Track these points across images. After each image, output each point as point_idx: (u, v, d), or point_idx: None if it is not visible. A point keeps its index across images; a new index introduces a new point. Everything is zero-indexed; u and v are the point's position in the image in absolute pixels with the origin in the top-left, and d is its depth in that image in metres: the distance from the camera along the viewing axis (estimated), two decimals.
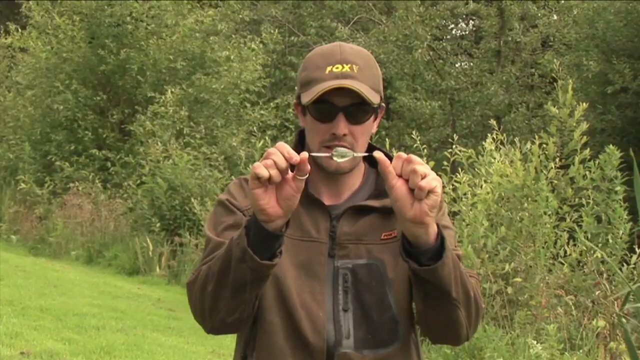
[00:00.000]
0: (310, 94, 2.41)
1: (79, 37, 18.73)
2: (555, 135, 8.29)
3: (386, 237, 2.51)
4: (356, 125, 2.43)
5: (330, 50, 2.48)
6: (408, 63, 22.93)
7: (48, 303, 9.18)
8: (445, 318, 2.39)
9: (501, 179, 8.20)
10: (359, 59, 2.45)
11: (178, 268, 13.08)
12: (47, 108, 18.95)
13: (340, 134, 2.41)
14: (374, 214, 2.52)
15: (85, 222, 15.82)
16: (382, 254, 2.49)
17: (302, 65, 2.53)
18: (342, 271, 2.47)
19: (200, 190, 14.05)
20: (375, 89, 2.45)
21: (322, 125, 2.44)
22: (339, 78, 2.39)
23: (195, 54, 18.95)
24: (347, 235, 2.49)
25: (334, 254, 2.48)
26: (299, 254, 2.47)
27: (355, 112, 2.41)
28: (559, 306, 7.31)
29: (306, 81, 2.46)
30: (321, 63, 2.44)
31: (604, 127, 17.78)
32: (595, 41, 18.43)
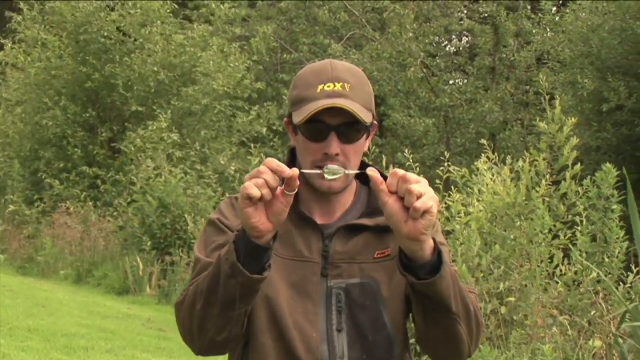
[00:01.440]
0: (302, 114, 2.39)
1: (66, 54, 18.66)
2: (545, 151, 8.22)
3: (379, 255, 2.49)
4: (348, 144, 2.41)
5: (321, 67, 2.46)
6: (402, 80, 22.88)
7: (36, 323, 9.07)
8: (446, 333, 2.34)
9: (493, 197, 8.13)
10: (351, 76, 2.44)
11: (168, 287, 12.97)
12: (36, 125, 18.88)
13: (332, 153, 2.39)
14: (366, 232, 2.50)
15: (74, 241, 15.71)
16: (375, 273, 2.47)
17: (293, 83, 2.51)
18: (336, 291, 2.46)
19: (193, 208, 13.96)
20: (367, 107, 2.43)
21: (313, 144, 2.42)
22: (331, 97, 2.37)
23: (184, 68, 18.90)
24: (340, 255, 2.48)
25: (327, 274, 2.46)
26: (291, 274, 2.44)
27: (347, 131, 2.40)
28: (554, 326, 7.22)
29: (297, 99, 2.44)
30: (312, 81, 2.42)
31: (599, 144, 17.74)
32: (590, 59, 18.41)
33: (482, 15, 24.76)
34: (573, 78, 19.04)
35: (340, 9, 24.24)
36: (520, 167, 8.16)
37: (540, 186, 7.94)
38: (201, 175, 15.29)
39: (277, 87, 24.31)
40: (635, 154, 17.13)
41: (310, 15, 25.33)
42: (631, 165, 14.53)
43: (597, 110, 17.99)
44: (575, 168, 8.00)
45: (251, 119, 19.38)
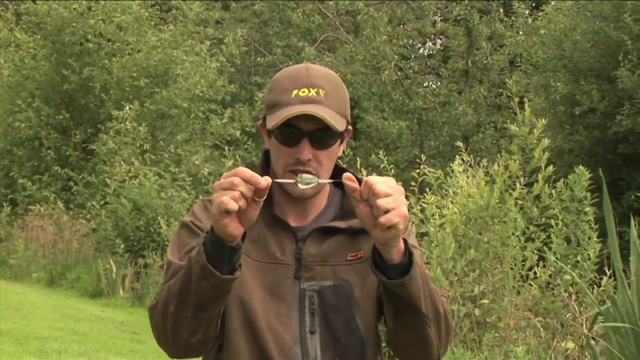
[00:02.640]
0: (276, 119, 2.37)
1: (41, 55, 18.57)
2: (517, 153, 8.25)
3: (352, 257, 2.48)
4: (321, 150, 2.41)
5: (297, 72, 2.44)
6: (375, 83, 22.92)
7: (8, 326, 9.00)
8: (416, 335, 2.35)
9: (467, 199, 8.16)
10: (326, 82, 2.42)
11: (142, 290, 12.92)
12: (9, 126, 18.76)
13: (304, 159, 2.38)
14: (339, 234, 2.49)
15: (47, 244, 15.62)
16: (348, 275, 2.46)
17: (268, 87, 2.50)
18: (309, 293, 2.45)
19: (167, 210, 13.91)
20: (342, 114, 2.42)
21: (286, 149, 2.41)
22: (305, 103, 2.36)
23: (158, 70, 18.85)
24: (313, 257, 2.47)
25: (300, 276, 2.45)
26: (264, 277, 2.44)
27: (320, 137, 2.39)
28: (527, 328, 7.24)
29: (272, 104, 2.42)
30: (288, 86, 2.41)
31: (572, 147, 17.86)
32: (563, 62, 18.52)
33: (455, 18, 24.84)
34: (546, 81, 19.16)
35: (314, 12, 24.25)
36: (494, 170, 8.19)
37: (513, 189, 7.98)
38: (175, 178, 15.24)
39: (250, 89, 24.29)
40: (607, 157, 17.26)
41: (284, 18, 25.35)
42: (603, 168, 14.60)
43: (569, 113, 18.11)
44: (548, 170, 8.04)
45: (225, 122, 19.34)
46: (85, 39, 18.59)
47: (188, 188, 14.87)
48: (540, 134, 8.22)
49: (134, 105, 17.06)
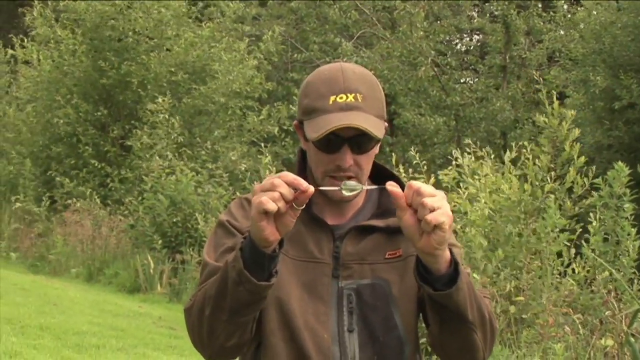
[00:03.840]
0: (316, 129, 2.37)
1: (80, 51, 18.69)
2: (547, 146, 8.19)
3: (390, 256, 2.48)
4: (361, 154, 2.41)
5: (332, 76, 2.42)
6: (412, 79, 22.82)
7: (48, 321, 9.07)
8: (462, 343, 2.35)
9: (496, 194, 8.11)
10: (363, 84, 2.40)
11: (179, 286, 12.96)
12: (48, 122, 18.91)
13: (345, 166, 2.39)
14: (377, 233, 2.50)
15: (85, 239, 15.71)
16: (386, 274, 2.47)
17: (303, 90, 2.48)
18: (347, 292, 2.45)
19: (204, 207, 13.95)
20: (380, 116, 2.42)
21: (326, 155, 2.41)
22: (344, 110, 2.35)
23: (196, 67, 18.89)
24: (351, 256, 2.47)
25: (338, 275, 2.46)
26: (302, 275, 2.44)
27: (360, 142, 2.39)
28: (566, 325, 7.19)
29: (309, 109, 2.41)
30: (324, 91, 2.39)
31: (611, 143, 17.69)
32: (602, 56, 18.35)
33: (492, 14, 24.70)
34: (585, 76, 18.98)
35: (351, 8, 24.19)
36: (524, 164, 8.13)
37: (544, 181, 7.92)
38: (212, 174, 15.28)
39: (287, 86, 24.28)
40: None
41: (321, 14, 25.30)
42: None
43: (609, 108, 17.95)
44: (580, 161, 7.96)
45: (262, 118, 19.35)
46: (124, 35, 18.67)
47: (225, 184, 14.90)
48: (570, 126, 8.15)
49: (167, 97, 17.10)
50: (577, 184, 7.98)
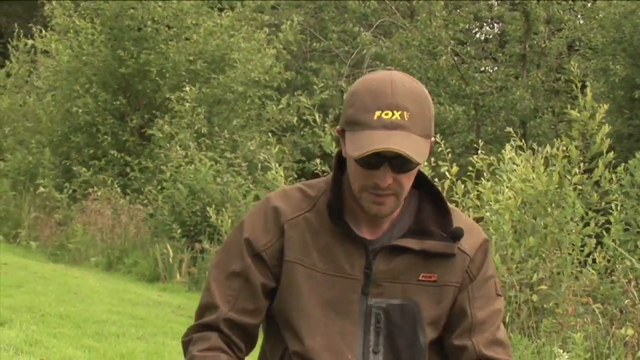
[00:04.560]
0: (356, 146, 2.26)
1: (99, 41, 18.72)
2: (578, 139, 8.15)
3: (424, 278, 2.41)
4: (402, 173, 2.30)
5: (380, 88, 2.28)
6: (432, 68, 22.77)
7: (67, 310, 9.10)
8: None
9: (524, 184, 8.09)
10: (411, 101, 2.28)
11: (198, 275, 12.99)
12: (67, 112, 18.95)
13: (384, 185, 2.29)
14: (412, 253, 2.40)
15: (105, 228, 15.76)
16: (417, 296, 2.40)
17: (349, 98, 2.35)
18: (375, 310, 2.39)
19: (222, 196, 13.96)
20: (426, 135, 2.31)
21: (365, 171, 2.30)
22: (388, 128, 2.23)
23: (215, 56, 18.89)
24: (383, 273, 2.39)
25: (368, 292, 2.39)
26: (329, 291, 2.37)
27: (401, 163, 2.28)
28: (585, 314, 7.17)
29: (352, 121, 2.30)
30: (370, 104, 2.27)
31: (632, 132, 17.61)
32: (623, 45, 18.23)
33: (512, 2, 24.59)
34: (605, 65, 18.88)
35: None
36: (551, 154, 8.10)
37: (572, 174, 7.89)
38: (231, 163, 15.29)
39: (306, 75, 24.26)
40: None
41: (340, 3, 25.27)
42: None
43: (629, 97, 17.86)
44: (609, 156, 7.93)
45: (281, 108, 19.32)
46: (143, 24, 18.69)
47: (244, 173, 14.90)
48: (601, 120, 8.11)
49: (195, 87, 17.13)
50: (605, 178, 7.95)
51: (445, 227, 2.40)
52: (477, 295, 2.44)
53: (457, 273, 2.42)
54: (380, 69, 2.53)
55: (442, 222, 2.41)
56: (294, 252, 2.37)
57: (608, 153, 7.95)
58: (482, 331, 2.43)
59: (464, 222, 2.47)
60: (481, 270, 2.45)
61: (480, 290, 2.45)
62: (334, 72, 23.82)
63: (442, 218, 2.42)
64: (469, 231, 2.44)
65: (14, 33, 22.80)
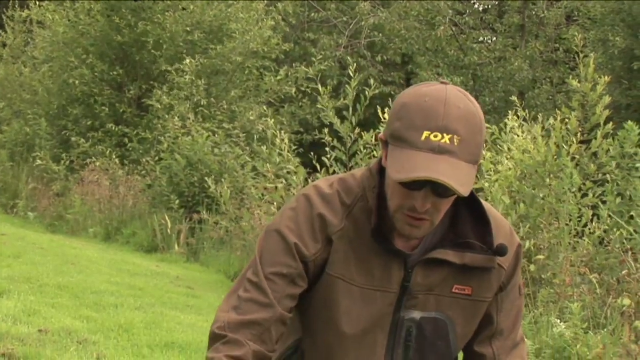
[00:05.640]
0: (398, 167, 2.14)
1: (96, 10, 18.63)
2: (578, 109, 8.14)
3: (458, 290, 2.34)
4: (442, 198, 2.18)
5: (433, 107, 2.13)
6: (430, 38, 22.72)
7: (66, 280, 9.10)
8: None
9: (523, 155, 8.08)
10: (463, 125, 2.13)
11: (197, 245, 13.01)
12: (64, 83, 18.88)
13: (422, 210, 2.17)
14: (450, 264, 2.33)
15: (103, 199, 15.76)
16: (450, 310, 2.34)
17: (397, 109, 2.21)
18: (407, 323, 2.33)
19: (220, 167, 13.95)
20: (474, 161, 2.16)
21: (404, 190, 2.18)
22: (435, 152, 2.09)
23: (212, 26, 18.82)
24: (420, 286, 2.32)
25: (402, 305, 2.32)
26: (366, 306, 2.30)
27: (442, 189, 2.14)
28: (582, 284, 7.19)
29: (397, 136, 2.16)
30: (419, 123, 2.12)
31: (630, 102, 17.59)
32: (621, 15, 18.18)
33: None
34: (603, 35, 18.83)
35: None
36: (551, 125, 8.09)
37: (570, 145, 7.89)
38: (229, 134, 15.27)
39: (304, 45, 24.19)
40: None
41: None
42: None
43: (627, 67, 17.82)
44: (607, 127, 7.92)
45: (279, 79, 19.28)
46: None
47: (242, 144, 14.88)
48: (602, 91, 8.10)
49: (196, 59, 17.08)
50: (602, 149, 7.94)
51: (485, 238, 2.31)
52: (506, 303, 2.41)
53: (493, 287, 2.36)
54: (434, 80, 2.37)
55: (481, 232, 2.32)
56: (338, 266, 2.29)
57: (606, 124, 7.94)
58: (504, 337, 2.40)
59: (501, 230, 2.37)
60: (512, 278, 2.40)
61: (508, 296, 2.41)
62: (332, 42, 23.76)
63: (481, 227, 2.32)
64: (505, 241, 2.34)
65: (9, 2, 22.69)
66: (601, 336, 6.19)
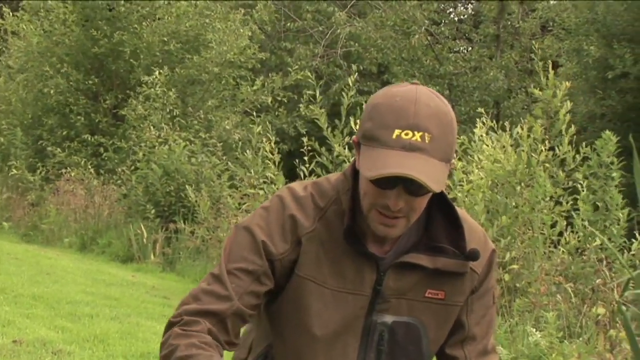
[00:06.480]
0: (370, 165, 2.13)
1: (71, 20, 18.57)
2: (542, 117, 8.19)
3: (431, 295, 2.32)
4: (415, 197, 2.17)
5: (403, 107, 2.13)
6: (406, 48, 22.79)
7: (41, 291, 9.06)
8: None
9: (493, 165, 8.12)
10: (434, 123, 2.12)
11: (173, 255, 12.97)
12: (39, 92, 18.80)
13: (395, 208, 2.16)
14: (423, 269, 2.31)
15: (78, 209, 15.69)
16: (423, 315, 2.32)
17: (369, 110, 2.21)
18: (380, 327, 2.31)
19: (197, 176, 13.94)
20: (446, 159, 2.15)
21: (377, 189, 2.17)
22: (406, 149, 2.09)
23: (189, 36, 18.81)
24: (392, 290, 2.30)
25: (374, 308, 2.30)
26: (338, 309, 2.28)
27: (416, 187, 2.13)
28: (558, 293, 7.22)
29: (369, 136, 2.16)
30: (390, 122, 2.12)
31: (604, 112, 17.72)
32: (596, 26, 18.32)
33: None
34: (578, 45, 18.98)
35: None
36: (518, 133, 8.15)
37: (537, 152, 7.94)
38: (205, 143, 15.26)
39: (280, 55, 24.22)
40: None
41: None
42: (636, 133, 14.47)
43: (602, 77, 17.96)
44: (570, 131, 7.98)
45: (255, 89, 19.29)
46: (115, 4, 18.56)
47: (219, 153, 14.88)
48: (564, 97, 8.15)
49: (163, 70, 17.07)
50: (570, 155, 8.00)
51: (458, 242, 2.30)
52: (476, 307, 2.40)
53: (465, 291, 2.36)
54: (405, 81, 2.35)
55: (454, 236, 2.31)
56: (308, 268, 2.28)
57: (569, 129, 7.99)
58: (476, 342, 2.40)
59: (474, 235, 2.37)
60: (484, 282, 2.40)
61: (479, 301, 2.40)
62: (308, 52, 23.79)
63: (455, 232, 2.31)
64: (479, 246, 2.34)
65: None
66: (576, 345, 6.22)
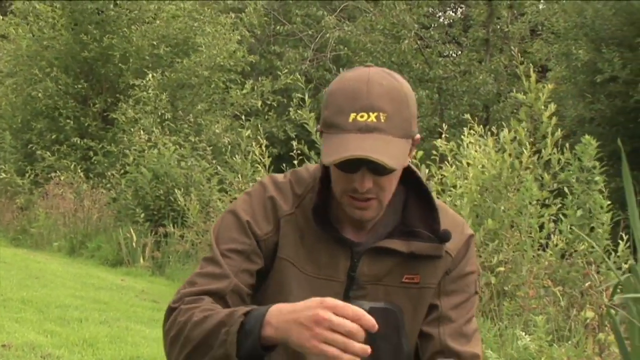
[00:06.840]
0: (330, 151, 2.15)
1: (60, 24, 18.55)
2: (526, 121, 8.21)
3: (407, 280, 2.33)
4: (382, 176, 2.19)
5: (356, 90, 2.16)
6: (395, 52, 22.81)
7: (30, 295, 9.04)
8: None
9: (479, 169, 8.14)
10: (388, 102, 2.15)
11: (162, 259, 12.96)
12: (28, 96, 18.77)
13: (362, 190, 2.18)
14: (398, 254, 2.32)
15: (67, 213, 15.67)
16: (400, 300, 2.32)
17: (325, 98, 2.23)
18: None
19: (186, 180, 13.93)
20: (406, 135, 2.18)
21: (344, 174, 2.20)
22: (362, 131, 2.12)
23: (178, 39, 18.81)
24: (367, 276, 2.31)
25: (350, 295, 2.30)
26: (315, 295, 2.17)
27: (378, 167, 2.14)
28: (546, 297, 7.23)
29: (328, 123, 2.19)
30: (345, 106, 2.15)
31: (593, 116, 17.75)
32: (584, 30, 18.36)
33: None
34: (567, 49, 19.02)
35: None
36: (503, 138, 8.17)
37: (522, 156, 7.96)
38: (195, 147, 15.25)
39: (270, 59, 24.22)
40: (628, 126, 17.13)
41: None
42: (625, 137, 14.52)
43: (591, 81, 17.98)
44: (556, 135, 8.00)
45: (245, 92, 19.29)
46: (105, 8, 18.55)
47: (209, 157, 14.87)
48: (548, 99, 8.17)
49: (156, 73, 17.07)
50: (554, 158, 8.02)
51: (433, 226, 2.32)
52: (449, 288, 2.38)
53: (439, 274, 2.36)
54: (357, 65, 2.38)
55: (429, 221, 2.33)
56: (288, 250, 2.30)
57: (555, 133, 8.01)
58: (452, 324, 2.38)
59: (450, 219, 2.39)
60: (459, 265, 2.39)
61: (454, 284, 2.39)
62: (297, 55, 23.80)
63: (429, 216, 2.33)
64: (454, 229, 2.35)
65: None
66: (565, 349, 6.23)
